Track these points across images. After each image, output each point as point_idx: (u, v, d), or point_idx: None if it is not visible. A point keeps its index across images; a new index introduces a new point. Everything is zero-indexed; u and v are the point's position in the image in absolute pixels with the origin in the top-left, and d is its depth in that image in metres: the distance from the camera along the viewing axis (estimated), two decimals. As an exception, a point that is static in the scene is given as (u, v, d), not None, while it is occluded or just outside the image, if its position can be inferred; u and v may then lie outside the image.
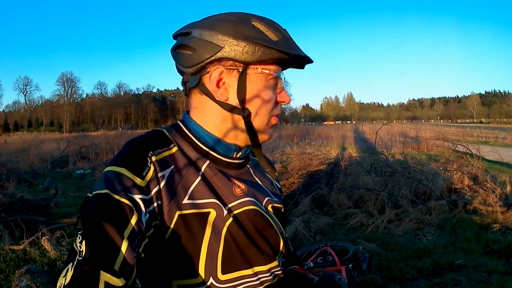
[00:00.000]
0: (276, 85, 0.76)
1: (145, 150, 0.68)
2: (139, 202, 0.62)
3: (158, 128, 0.77)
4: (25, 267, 3.08)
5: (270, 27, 0.72)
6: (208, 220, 0.69)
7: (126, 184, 0.63)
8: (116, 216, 0.60)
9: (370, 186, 5.26)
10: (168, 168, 0.69)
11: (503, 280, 2.85)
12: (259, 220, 0.77)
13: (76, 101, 79.47)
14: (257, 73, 0.73)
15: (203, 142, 0.76)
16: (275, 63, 0.74)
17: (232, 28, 0.71)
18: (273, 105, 0.76)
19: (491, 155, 7.68)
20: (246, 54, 0.70)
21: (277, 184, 0.94)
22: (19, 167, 9.37)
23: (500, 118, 69.36)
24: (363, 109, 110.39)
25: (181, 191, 0.69)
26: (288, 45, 0.73)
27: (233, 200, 0.74)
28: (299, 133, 19.41)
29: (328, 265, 2.81)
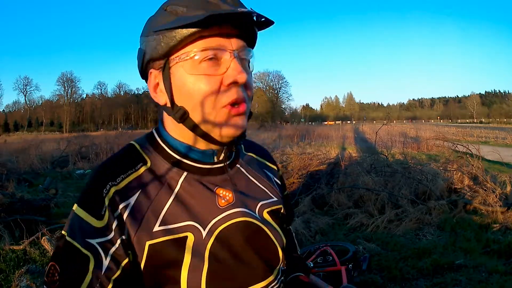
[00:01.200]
0: (217, 65, 0.61)
1: (105, 182, 0.62)
2: (97, 247, 0.59)
3: (131, 142, 0.70)
4: (25, 267, 3.08)
5: (181, 1, 0.61)
6: (186, 245, 0.61)
7: (84, 228, 0.59)
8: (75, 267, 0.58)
9: (370, 186, 5.26)
10: (133, 195, 0.62)
11: (503, 280, 2.85)
12: (251, 233, 0.67)
13: (76, 101, 79.41)
14: (177, 62, 0.62)
15: (177, 152, 0.67)
16: (207, 37, 0.60)
17: (147, 26, 0.65)
18: (215, 91, 0.61)
19: (491, 155, 7.68)
20: (159, 47, 0.61)
21: (277, 180, 0.83)
22: (19, 167, 9.37)
23: (500, 118, 69.37)
24: (363, 109, 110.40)
25: (151, 218, 0.61)
26: (198, 10, 0.59)
27: (216, 215, 0.65)
28: (299, 133, 19.38)
29: (328, 265, 2.81)
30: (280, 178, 0.86)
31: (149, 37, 0.63)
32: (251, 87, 0.66)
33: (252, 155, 0.81)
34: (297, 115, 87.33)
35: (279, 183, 0.84)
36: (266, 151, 0.87)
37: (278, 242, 0.72)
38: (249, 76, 0.65)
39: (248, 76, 0.64)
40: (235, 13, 0.58)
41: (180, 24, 0.58)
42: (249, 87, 0.65)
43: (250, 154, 0.80)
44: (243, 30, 0.63)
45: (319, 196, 5.39)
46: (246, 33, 0.64)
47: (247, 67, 0.66)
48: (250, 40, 0.66)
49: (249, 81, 0.64)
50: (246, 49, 0.65)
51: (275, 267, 0.71)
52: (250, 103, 0.67)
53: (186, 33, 0.59)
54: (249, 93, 0.66)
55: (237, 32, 0.63)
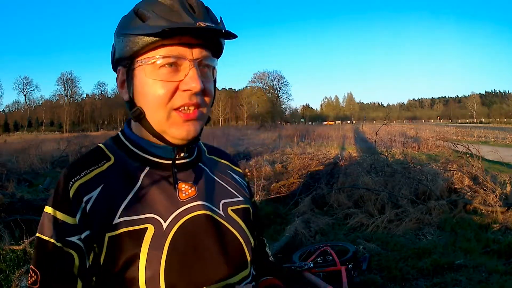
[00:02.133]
0: (176, 71, 0.64)
1: (69, 179, 0.65)
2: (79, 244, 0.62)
3: (98, 144, 0.74)
4: (25, 267, 3.08)
5: (148, 6, 0.64)
6: (144, 237, 0.62)
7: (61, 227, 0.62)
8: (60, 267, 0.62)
9: (370, 186, 5.26)
10: (96, 189, 0.64)
11: (503, 280, 2.86)
12: (212, 227, 0.68)
13: (76, 101, 79.37)
14: (140, 65, 0.66)
15: (140, 148, 0.71)
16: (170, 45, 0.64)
17: (119, 26, 0.68)
18: (168, 96, 0.64)
19: (491, 155, 7.69)
20: (125, 49, 0.65)
21: (244, 182, 0.85)
22: (19, 167, 9.38)
23: (500, 118, 69.37)
24: (363, 109, 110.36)
25: (112, 210, 0.63)
26: (161, 20, 0.62)
27: (177, 208, 0.66)
28: (299, 133, 19.41)
29: (328, 265, 2.81)
30: (247, 183, 0.87)
31: (118, 38, 0.67)
32: (210, 93, 0.68)
33: (214, 158, 0.83)
34: (297, 115, 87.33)
35: (247, 186, 0.85)
36: (230, 156, 0.89)
37: (244, 240, 0.72)
38: (209, 84, 0.68)
39: (207, 84, 0.67)
40: (192, 28, 0.61)
41: (142, 32, 0.62)
42: (207, 94, 0.68)
43: (212, 157, 0.83)
44: (206, 40, 0.66)
45: (319, 196, 5.39)
46: (210, 43, 0.67)
47: (209, 75, 0.69)
48: (214, 49, 0.69)
49: (208, 88, 0.67)
50: (209, 58, 0.68)
51: (242, 266, 0.71)
52: (207, 109, 0.69)
53: (148, 41, 0.62)
54: (207, 100, 0.68)
55: (200, 42, 0.65)
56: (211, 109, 0.74)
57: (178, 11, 0.63)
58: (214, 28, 0.62)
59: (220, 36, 0.67)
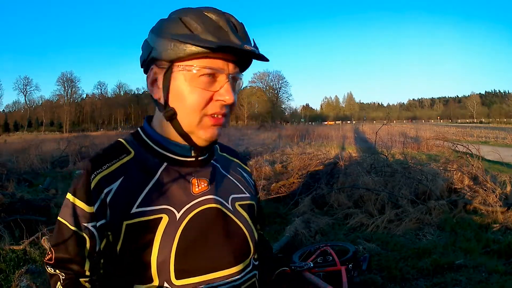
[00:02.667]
0: (213, 82, 0.70)
1: (91, 172, 0.71)
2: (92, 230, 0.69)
3: (118, 139, 0.79)
4: (25, 267, 3.08)
5: (197, 18, 0.69)
6: (159, 226, 0.69)
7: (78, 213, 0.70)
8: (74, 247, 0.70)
9: (370, 186, 5.26)
10: (116, 181, 0.70)
11: (503, 280, 2.86)
12: (221, 220, 0.74)
13: (76, 101, 79.28)
14: (180, 70, 0.70)
15: (159, 145, 0.76)
16: (211, 58, 0.69)
17: (162, 28, 0.71)
18: (204, 104, 0.70)
19: (491, 155, 7.69)
20: (169, 52, 0.69)
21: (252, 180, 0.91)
22: (19, 167, 9.38)
23: (500, 118, 69.40)
24: (363, 109, 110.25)
25: (131, 200, 0.69)
26: (212, 35, 0.67)
27: (190, 201, 0.73)
28: (299, 133, 19.39)
29: (328, 265, 2.81)
30: (254, 181, 0.93)
31: (161, 39, 0.70)
32: (235, 104, 0.75)
33: (226, 156, 0.89)
34: (297, 115, 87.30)
35: (253, 184, 0.92)
36: (239, 154, 0.95)
37: (249, 233, 0.79)
38: (235, 96, 0.74)
39: (234, 97, 0.73)
40: (240, 49, 0.68)
41: (195, 43, 0.67)
42: (233, 105, 0.74)
43: (224, 154, 0.89)
44: (241, 58, 0.73)
45: (319, 196, 5.39)
46: (243, 61, 0.75)
47: (236, 87, 0.76)
48: (244, 65, 0.76)
49: (234, 100, 0.73)
50: (239, 73, 0.75)
51: (245, 257, 0.77)
52: (229, 117, 0.77)
53: (196, 50, 0.67)
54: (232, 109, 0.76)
55: (235, 59, 0.72)
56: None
57: (226, 30, 0.68)
58: (256, 52, 0.70)
59: (255, 58, 0.74)
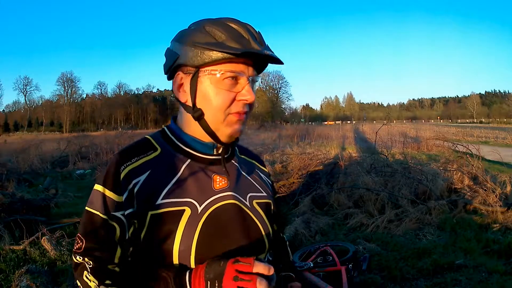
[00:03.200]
0: (235, 84, 0.78)
1: (121, 163, 0.77)
2: (122, 219, 0.74)
3: (145, 136, 0.86)
4: (25, 267, 3.08)
5: (220, 27, 0.76)
6: (182, 217, 0.74)
7: (108, 202, 0.75)
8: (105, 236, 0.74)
9: (370, 186, 5.26)
10: (144, 174, 0.76)
11: (503, 280, 2.86)
12: (239, 215, 0.80)
13: (76, 101, 79.33)
14: (206, 74, 0.77)
15: (183, 143, 0.83)
16: (234, 62, 0.77)
17: (187, 36, 0.78)
18: (228, 104, 0.77)
19: (491, 155, 7.69)
20: (195, 59, 0.76)
21: (269, 181, 0.97)
22: (19, 167, 9.37)
23: (500, 118, 69.34)
24: (363, 109, 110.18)
25: (157, 192, 0.75)
26: (236, 42, 0.74)
27: (211, 196, 0.78)
28: (299, 133, 19.41)
29: (328, 265, 2.81)
30: (272, 182, 0.99)
31: (187, 47, 0.77)
32: (253, 104, 0.82)
33: (245, 157, 0.95)
34: (297, 115, 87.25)
35: (270, 184, 0.97)
36: (258, 157, 1.02)
37: (264, 230, 0.84)
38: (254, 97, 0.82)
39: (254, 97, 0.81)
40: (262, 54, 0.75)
41: (221, 50, 0.74)
42: (252, 106, 0.82)
43: (243, 156, 0.95)
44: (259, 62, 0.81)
45: (319, 196, 5.39)
46: (260, 64, 0.82)
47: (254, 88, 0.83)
48: (261, 68, 0.84)
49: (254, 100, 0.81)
50: (257, 76, 0.82)
51: (261, 253, 0.83)
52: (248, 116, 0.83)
53: (221, 56, 0.74)
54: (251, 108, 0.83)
55: (253, 63, 0.80)
56: None
57: (247, 38, 0.76)
58: (275, 57, 0.77)
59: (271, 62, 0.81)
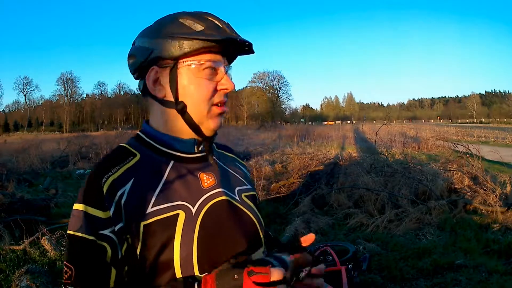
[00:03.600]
0: (214, 74, 0.76)
1: (102, 175, 0.70)
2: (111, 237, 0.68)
3: (120, 144, 0.81)
4: (25, 267, 3.08)
5: (196, 19, 0.74)
6: (177, 222, 0.69)
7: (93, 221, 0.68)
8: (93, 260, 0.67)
9: (370, 186, 5.26)
10: (128, 182, 0.71)
11: (503, 280, 2.86)
12: (232, 211, 0.77)
13: (76, 101, 79.28)
14: (186, 65, 0.75)
15: (163, 144, 0.78)
16: (211, 52, 0.75)
17: (161, 29, 0.75)
18: (210, 94, 0.75)
19: (491, 155, 7.69)
20: (173, 50, 0.73)
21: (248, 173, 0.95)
22: (19, 167, 9.37)
23: (500, 118, 69.38)
24: (363, 109, 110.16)
25: (145, 201, 0.70)
26: (214, 31, 0.73)
27: (202, 195, 0.75)
28: (299, 133, 19.40)
29: (328, 265, 2.81)
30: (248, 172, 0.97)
31: (162, 40, 0.74)
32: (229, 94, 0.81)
33: (223, 152, 0.93)
34: (297, 115, 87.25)
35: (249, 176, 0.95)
36: (234, 151, 0.99)
37: (257, 220, 0.81)
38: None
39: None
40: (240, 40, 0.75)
41: (204, 38, 0.72)
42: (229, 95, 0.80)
43: (221, 151, 0.92)
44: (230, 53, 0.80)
45: (319, 196, 5.39)
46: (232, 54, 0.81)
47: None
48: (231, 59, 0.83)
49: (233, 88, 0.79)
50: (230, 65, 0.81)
51: (258, 244, 0.79)
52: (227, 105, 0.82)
53: (202, 45, 0.73)
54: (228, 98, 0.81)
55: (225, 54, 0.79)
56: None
57: (223, 27, 0.75)
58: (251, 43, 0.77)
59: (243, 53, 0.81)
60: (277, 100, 78.92)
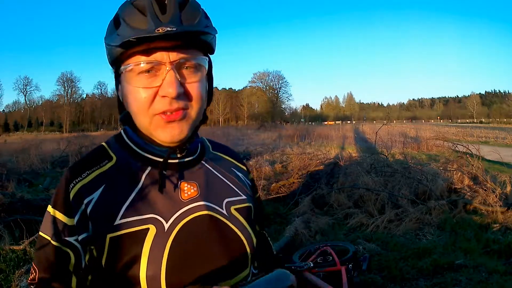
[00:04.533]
0: (154, 76, 0.63)
1: (70, 181, 0.66)
2: (75, 244, 0.64)
3: (102, 143, 0.74)
4: (25, 267, 3.08)
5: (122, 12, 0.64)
6: (146, 238, 0.62)
7: (60, 227, 0.64)
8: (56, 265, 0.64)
9: (370, 186, 5.26)
10: (97, 190, 0.65)
11: (503, 280, 2.86)
12: (215, 227, 0.67)
13: (76, 101, 79.29)
14: (122, 72, 0.66)
15: (141, 148, 0.71)
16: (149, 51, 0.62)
17: (107, 28, 0.67)
18: (148, 103, 0.63)
19: (491, 155, 7.69)
20: (108, 57, 0.67)
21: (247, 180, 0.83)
22: (19, 167, 9.37)
23: (500, 118, 69.36)
24: (363, 109, 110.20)
25: (114, 211, 0.63)
26: (131, 28, 0.61)
27: (179, 208, 0.66)
28: (299, 133, 19.41)
29: (328, 265, 2.81)
30: (252, 180, 0.86)
31: (105, 45, 0.67)
32: (195, 95, 0.66)
33: (220, 154, 0.81)
34: (297, 115, 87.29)
35: (250, 184, 0.84)
36: (235, 152, 0.87)
37: (246, 239, 0.71)
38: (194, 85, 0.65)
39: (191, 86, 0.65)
40: (151, 36, 0.59)
41: (113, 44, 0.62)
42: (191, 96, 0.65)
43: (217, 153, 0.81)
44: (183, 41, 0.63)
45: (319, 196, 5.39)
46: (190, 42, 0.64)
47: (195, 75, 0.66)
48: (199, 47, 0.66)
49: (191, 89, 0.65)
50: (192, 58, 0.65)
51: (243, 265, 0.70)
52: (196, 109, 0.67)
53: (119, 51, 0.63)
54: (194, 101, 0.66)
55: (177, 43, 0.62)
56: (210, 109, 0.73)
57: (145, 17, 0.61)
58: (173, 32, 0.59)
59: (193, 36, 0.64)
60: (277, 100, 78.96)
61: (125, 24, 0.62)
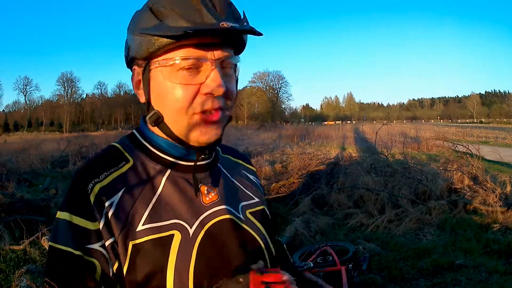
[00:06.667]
0: (195, 73, 0.60)
1: (88, 180, 0.60)
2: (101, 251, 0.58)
3: (111, 143, 0.69)
4: (25, 267, 3.08)
5: (165, 3, 0.59)
6: (172, 244, 0.59)
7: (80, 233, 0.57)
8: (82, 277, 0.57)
9: (370, 186, 5.26)
10: (117, 193, 0.60)
11: (503, 280, 2.86)
12: (236, 231, 0.65)
13: (76, 101, 79.23)
14: (157, 66, 0.61)
15: (160, 149, 0.66)
16: (191, 46, 0.59)
17: (134, 23, 0.63)
18: (189, 101, 0.60)
19: (491, 155, 7.70)
20: (142, 49, 0.61)
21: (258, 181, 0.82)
22: (19, 167, 9.36)
23: (500, 118, 69.38)
24: (363, 109, 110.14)
25: (135, 217, 0.59)
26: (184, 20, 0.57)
27: (202, 212, 0.64)
28: (299, 133, 19.40)
29: (328, 265, 2.81)
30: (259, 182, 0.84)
31: (133, 36, 0.62)
32: (232, 94, 0.64)
33: (229, 157, 0.80)
34: (297, 115, 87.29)
35: (260, 184, 0.82)
36: (242, 154, 0.85)
37: (264, 244, 0.70)
38: (231, 84, 0.64)
39: (229, 85, 0.63)
40: (215, 29, 0.57)
41: (160, 34, 0.58)
42: (230, 95, 0.64)
43: (227, 156, 0.80)
44: (228, 38, 0.62)
45: (319, 196, 5.39)
46: (232, 41, 0.63)
47: (231, 74, 0.65)
48: (236, 46, 0.65)
49: (230, 89, 0.63)
50: (231, 57, 0.63)
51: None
52: (229, 111, 0.66)
53: (166, 42, 0.58)
54: (230, 101, 0.64)
55: (221, 41, 0.61)
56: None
57: (199, 9, 0.58)
58: (238, 28, 0.58)
59: (244, 33, 0.63)
60: (277, 100, 78.94)
61: (177, 15, 0.58)
